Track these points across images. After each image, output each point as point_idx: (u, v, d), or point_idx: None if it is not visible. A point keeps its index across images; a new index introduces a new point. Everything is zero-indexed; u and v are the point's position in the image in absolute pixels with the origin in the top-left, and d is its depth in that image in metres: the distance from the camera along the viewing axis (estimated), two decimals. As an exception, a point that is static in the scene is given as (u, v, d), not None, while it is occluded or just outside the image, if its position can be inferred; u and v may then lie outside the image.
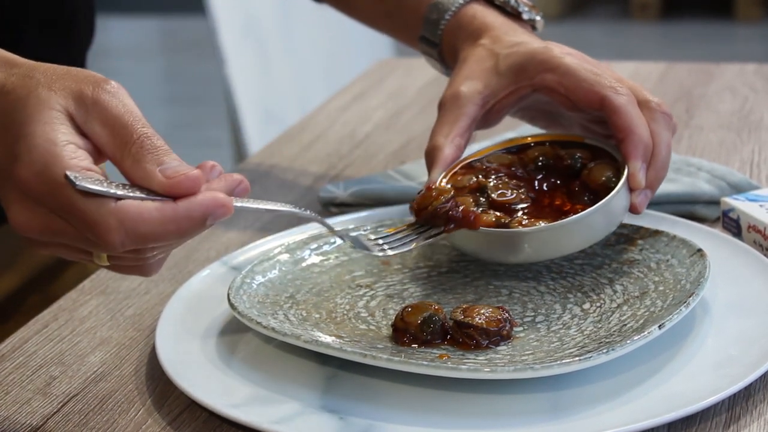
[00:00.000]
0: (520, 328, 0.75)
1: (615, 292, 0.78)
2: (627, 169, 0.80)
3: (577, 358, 0.67)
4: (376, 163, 1.11)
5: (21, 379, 0.76)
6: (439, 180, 0.83)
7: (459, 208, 0.78)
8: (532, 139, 0.87)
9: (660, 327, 0.69)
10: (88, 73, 0.64)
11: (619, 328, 0.73)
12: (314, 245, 0.84)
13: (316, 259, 0.83)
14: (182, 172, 0.61)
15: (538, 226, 0.77)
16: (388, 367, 0.69)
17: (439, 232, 0.78)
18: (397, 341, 0.74)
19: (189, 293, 0.82)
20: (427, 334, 0.73)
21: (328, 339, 0.73)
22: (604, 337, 0.72)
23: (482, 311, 0.73)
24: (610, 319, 0.75)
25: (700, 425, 0.66)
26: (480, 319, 0.73)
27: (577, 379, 0.69)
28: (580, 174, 0.83)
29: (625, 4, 4.79)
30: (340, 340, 0.73)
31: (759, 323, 0.74)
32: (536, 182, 0.84)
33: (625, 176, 0.79)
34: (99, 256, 0.64)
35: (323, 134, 1.20)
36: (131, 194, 0.61)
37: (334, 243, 0.85)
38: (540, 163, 0.84)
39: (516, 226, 0.78)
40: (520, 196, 0.81)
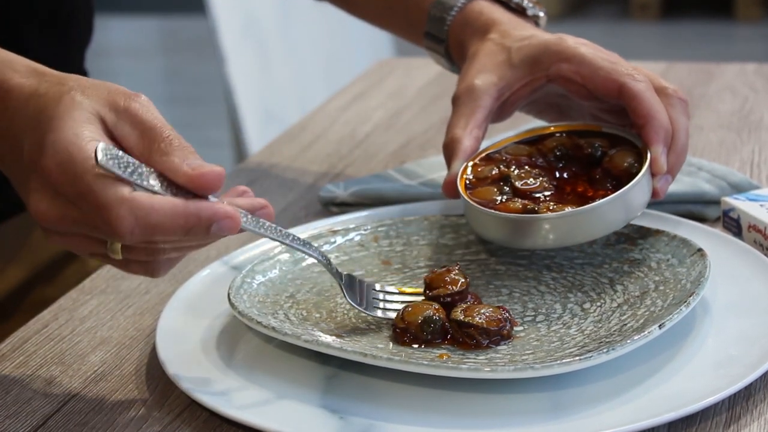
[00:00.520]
0: (521, 328, 0.75)
1: (615, 291, 0.78)
2: (649, 153, 0.80)
3: (578, 358, 0.67)
4: (376, 163, 1.11)
5: (21, 379, 0.76)
6: (460, 172, 0.83)
7: (463, 305, 0.75)
8: (554, 128, 0.87)
9: (660, 327, 0.69)
10: (119, 87, 0.68)
11: (620, 327, 0.73)
12: (315, 245, 0.84)
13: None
14: (208, 166, 0.64)
15: (573, 209, 0.77)
16: (388, 367, 0.69)
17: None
18: (397, 341, 0.74)
19: (189, 293, 0.82)
20: (428, 333, 0.73)
21: (329, 339, 0.73)
22: (605, 337, 0.72)
23: (482, 311, 0.73)
24: (611, 318, 0.75)
25: (700, 425, 0.66)
26: (480, 318, 0.73)
27: (577, 378, 0.69)
28: (601, 162, 0.83)
29: (625, 4, 4.78)
30: (341, 340, 0.73)
31: (759, 323, 0.73)
32: (557, 171, 0.84)
33: (648, 160, 0.79)
34: (113, 249, 0.66)
35: (323, 134, 1.20)
36: (147, 183, 0.63)
37: (335, 243, 0.85)
38: (558, 153, 0.85)
39: (545, 212, 0.78)
40: (544, 184, 0.82)
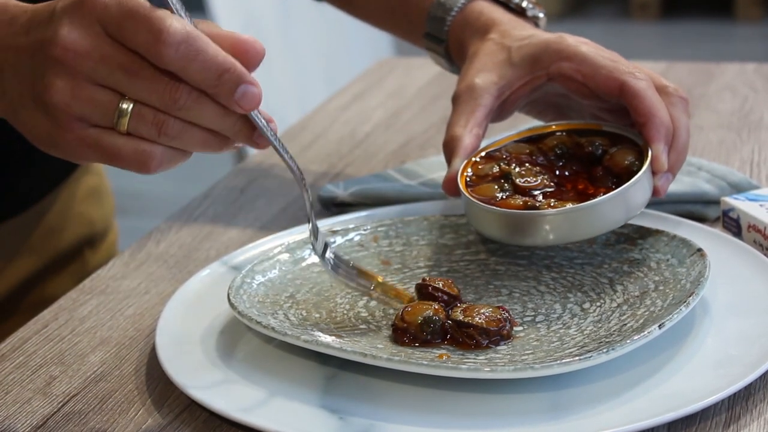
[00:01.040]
0: (520, 328, 0.75)
1: (615, 291, 0.78)
2: (650, 151, 0.80)
3: (577, 358, 0.67)
4: (376, 162, 1.11)
5: (21, 379, 0.76)
6: (460, 170, 0.83)
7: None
8: (555, 127, 0.87)
9: (660, 327, 0.69)
10: None
11: (619, 327, 0.73)
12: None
13: (316, 259, 0.83)
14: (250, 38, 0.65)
15: (574, 206, 0.77)
16: (388, 367, 0.69)
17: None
18: (397, 341, 0.74)
19: (189, 293, 0.82)
20: (427, 333, 0.73)
21: (328, 339, 0.73)
22: (604, 337, 0.72)
23: (482, 311, 0.73)
24: (610, 318, 0.75)
25: (700, 425, 0.66)
26: (480, 318, 0.73)
27: (577, 378, 0.69)
28: (602, 160, 0.83)
29: (625, 4, 4.78)
30: (340, 340, 0.73)
31: (759, 323, 0.73)
32: (557, 169, 0.84)
33: (649, 158, 0.80)
34: (119, 123, 0.64)
35: (323, 134, 1.20)
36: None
37: (335, 243, 0.85)
38: (559, 151, 0.85)
39: (546, 209, 0.78)
40: (545, 182, 0.82)
